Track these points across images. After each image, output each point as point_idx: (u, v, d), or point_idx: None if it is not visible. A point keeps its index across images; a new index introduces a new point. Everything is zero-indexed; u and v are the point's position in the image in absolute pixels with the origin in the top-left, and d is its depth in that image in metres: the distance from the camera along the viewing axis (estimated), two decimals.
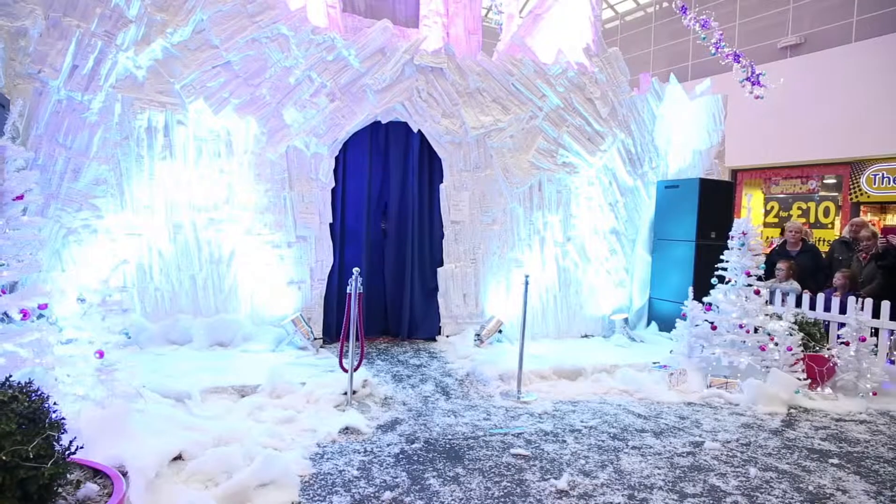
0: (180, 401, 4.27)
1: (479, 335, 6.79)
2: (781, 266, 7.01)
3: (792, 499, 3.46)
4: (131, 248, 5.80)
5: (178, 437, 3.49)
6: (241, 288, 6.23)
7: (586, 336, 7.67)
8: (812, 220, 13.75)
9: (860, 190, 12.89)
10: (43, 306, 3.28)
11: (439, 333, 7.04)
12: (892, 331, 5.90)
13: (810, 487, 3.63)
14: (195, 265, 6.07)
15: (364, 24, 7.68)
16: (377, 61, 6.46)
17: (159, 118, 5.82)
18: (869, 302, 5.92)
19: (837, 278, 6.65)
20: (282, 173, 6.27)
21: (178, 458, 3.37)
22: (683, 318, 6.02)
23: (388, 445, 3.96)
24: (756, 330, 5.63)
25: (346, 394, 4.66)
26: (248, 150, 6.17)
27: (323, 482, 3.38)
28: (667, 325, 7.21)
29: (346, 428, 4.17)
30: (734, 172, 14.88)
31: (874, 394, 5.47)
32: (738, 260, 5.80)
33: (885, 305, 5.84)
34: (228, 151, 6.12)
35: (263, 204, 6.23)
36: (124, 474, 2.85)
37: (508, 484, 3.47)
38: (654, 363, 6.10)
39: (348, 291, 4.69)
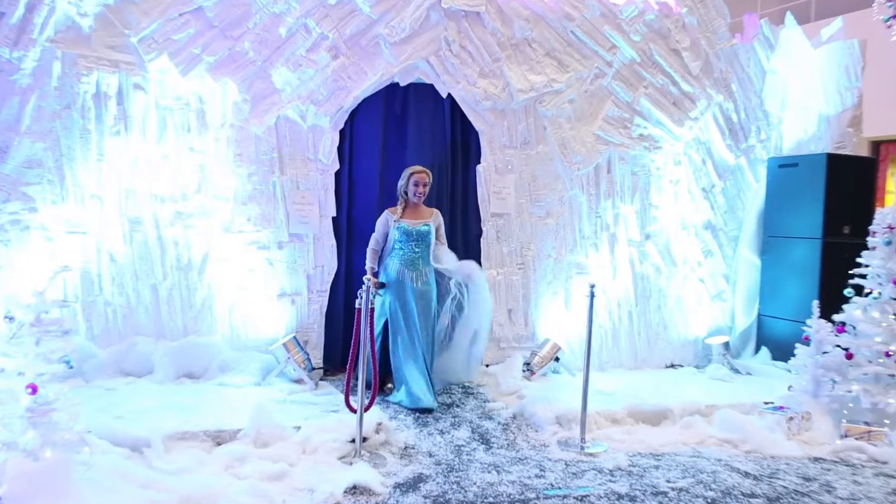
0: (137, 450, 4.27)
1: (528, 364, 6.77)
2: None
3: None
4: (74, 250, 5.82)
5: (134, 497, 3.50)
6: (217, 302, 6.27)
7: (672, 366, 7.64)
8: None
9: None
10: None
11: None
12: None
13: None
14: (157, 272, 6.10)
15: None
16: (393, 5, 6.46)
17: (111, 81, 5.84)
18: None
19: None
20: (270, 152, 6.31)
21: None
22: (806, 342, 5.88)
23: None
24: None
25: (353, 441, 4.65)
26: (227, 123, 6.20)
27: None
28: (782, 352, 7.04)
29: (354, 487, 4.13)
30: (876, 145, 14.47)
31: None
32: (884, 263, 5.68)
33: None
34: (201, 124, 6.15)
35: (246, 192, 6.27)
36: None
37: None
38: (767, 404, 6.00)
39: (357, 306, 4.71)
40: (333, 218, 6.58)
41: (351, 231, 6.82)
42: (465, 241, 7.10)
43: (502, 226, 7.02)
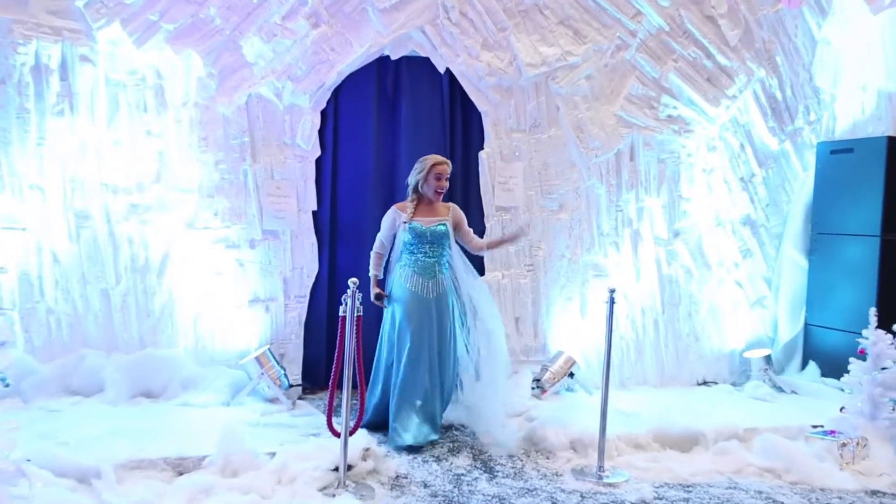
0: (84, 482, 4.18)
1: (539, 380, 6.70)
2: None
3: None
4: (11, 249, 5.76)
5: None
6: (178, 309, 6.23)
7: (705, 383, 7.67)
8: None
9: None
10: None
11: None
12: None
13: None
14: (109, 275, 6.02)
15: None
16: None
17: (52, 52, 5.77)
18: None
19: None
20: (240, 136, 6.26)
21: None
22: (862, 356, 5.87)
23: None
24: None
25: (337, 470, 4.58)
26: (190, 102, 6.16)
27: None
28: (834, 368, 7.04)
29: None
30: None
31: None
32: None
33: None
34: (159, 103, 6.10)
35: (213, 183, 6.23)
36: None
37: None
38: (815, 427, 5.96)
39: (341, 314, 4.66)
40: (314, 212, 6.54)
41: (335, 228, 6.80)
42: None
43: (508, 221, 6.97)
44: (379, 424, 5.63)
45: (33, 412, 5.31)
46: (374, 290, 5.67)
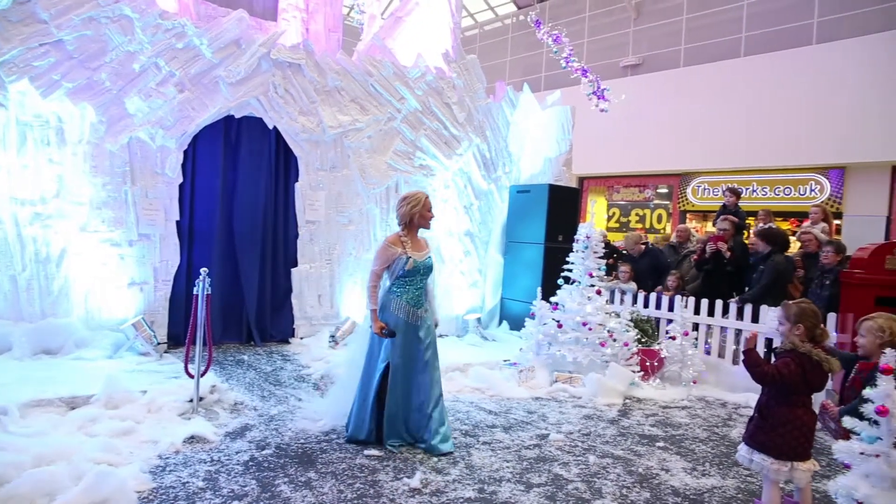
0: None
1: (333, 336, 6.73)
2: (624, 268, 7.56)
3: (625, 481, 3.76)
4: None
5: None
6: (73, 289, 5.73)
7: (441, 336, 7.70)
8: (648, 225, 15.03)
9: (686, 200, 14.26)
10: None
11: (293, 336, 6.90)
12: (709, 326, 6.49)
13: (640, 469, 3.96)
14: (17, 264, 5.48)
15: (219, 12, 7.33)
16: (231, 53, 6.21)
17: None
18: (692, 300, 6.49)
19: (670, 280, 7.26)
20: (123, 166, 5.84)
21: None
22: (532, 317, 6.26)
23: (237, 453, 3.82)
24: (598, 327, 5.93)
25: (191, 401, 4.45)
26: (84, 140, 5.67)
27: (164, 497, 3.18)
28: (517, 324, 7.39)
29: (192, 437, 3.96)
30: (581, 180, 15.85)
31: (694, 382, 6.02)
32: (583, 262, 6.12)
33: (704, 303, 6.46)
34: (60, 140, 5.58)
35: (101, 199, 5.77)
36: None
37: (361, 486, 3.47)
38: (505, 361, 6.30)
39: (195, 293, 4.49)
40: (177, 222, 6.22)
41: (192, 232, 6.48)
42: (286, 241, 6.95)
43: (315, 230, 6.95)
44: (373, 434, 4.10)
45: None
46: (377, 326, 4.03)
